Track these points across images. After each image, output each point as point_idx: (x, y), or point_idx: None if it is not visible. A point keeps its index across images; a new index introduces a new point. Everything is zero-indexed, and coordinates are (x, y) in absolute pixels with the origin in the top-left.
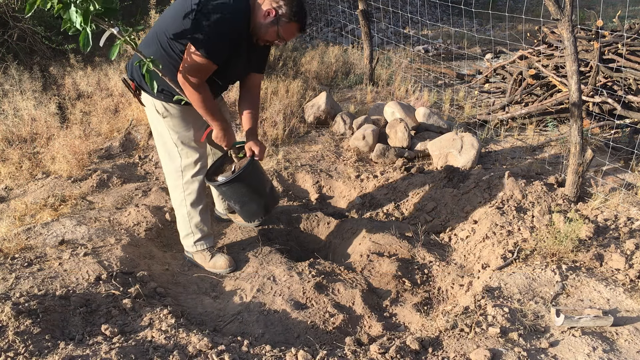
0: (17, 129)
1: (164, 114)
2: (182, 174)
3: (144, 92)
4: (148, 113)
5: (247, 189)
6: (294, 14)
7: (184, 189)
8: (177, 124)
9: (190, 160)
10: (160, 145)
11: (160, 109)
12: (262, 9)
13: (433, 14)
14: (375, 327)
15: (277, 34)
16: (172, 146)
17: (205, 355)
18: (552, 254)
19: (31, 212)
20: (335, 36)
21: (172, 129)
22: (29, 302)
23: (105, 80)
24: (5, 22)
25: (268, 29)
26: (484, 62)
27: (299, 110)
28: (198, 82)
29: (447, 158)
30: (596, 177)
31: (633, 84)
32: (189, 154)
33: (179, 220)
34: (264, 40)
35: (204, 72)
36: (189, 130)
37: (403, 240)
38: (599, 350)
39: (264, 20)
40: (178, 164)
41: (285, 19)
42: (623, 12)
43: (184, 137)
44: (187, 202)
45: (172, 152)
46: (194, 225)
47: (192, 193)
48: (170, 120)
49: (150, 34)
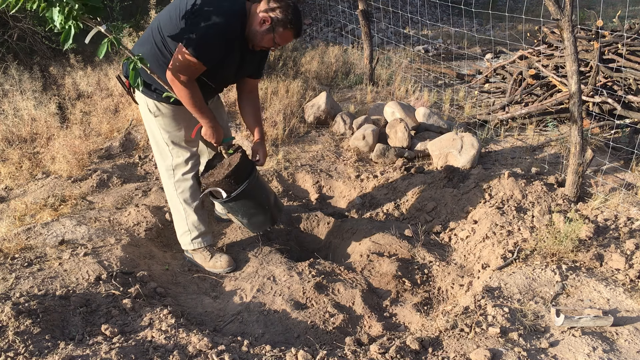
0: (17, 129)
1: (156, 113)
2: (174, 172)
3: (137, 90)
4: (141, 111)
5: (253, 201)
6: (289, 21)
7: (175, 187)
8: (168, 124)
9: (181, 159)
10: (153, 144)
11: (152, 108)
12: (258, 16)
13: (433, 14)
14: (375, 327)
15: (273, 40)
16: (163, 145)
17: (205, 355)
18: (552, 254)
19: (31, 212)
20: (335, 36)
21: (163, 128)
22: (29, 302)
23: (105, 80)
24: (5, 22)
25: (264, 36)
26: (484, 62)
27: (299, 110)
28: (186, 80)
29: (447, 158)
30: (596, 177)
31: (633, 84)
32: (180, 153)
33: (175, 218)
34: (259, 46)
35: (192, 72)
36: (180, 130)
37: (403, 240)
38: (599, 350)
39: (259, 27)
40: (169, 163)
41: (281, 27)
42: (623, 12)
43: (175, 137)
44: (181, 200)
45: (163, 151)
46: (191, 223)
47: (185, 191)
48: (161, 119)
49: (146, 33)
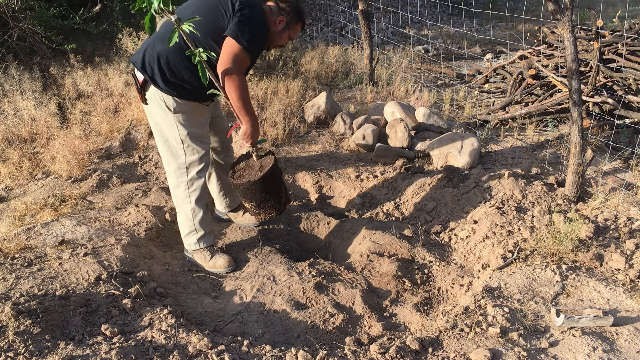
0: (17, 129)
1: (176, 109)
2: (187, 170)
3: (153, 87)
4: (152, 110)
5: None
6: (298, 16)
7: (188, 185)
8: (188, 119)
9: (196, 157)
10: (161, 143)
11: (171, 105)
12: (274, 17)
13: (433, 14)
14: (375, 327)
15: (289, 36)
16: (176, 143)
17: (205, 355)
18: (552, 254)
19: (31, 212)
20: (335, 36)
21: (182, 124)
22: (29, 302)
23: (105, 80)
24: (5, 22)
25: (282, 35)
26: (484, 62)
27: (299, 110)
28: (239, 74)
29: (447, 158)
30: (596, 177)
31: (633, 84)
32: (195, 150)
33: (182, 218)
34: (276, 45)
35: (243, 66)
36: (199, 127)
37: (403, 240)
38: (599, 350)
39: (276, 27)
40: (182, 161)
41: (293, 22)
42: (623, 12)
43: (193, 133)
44: (192, 199)
45: (175, 150)
46: (198, 222)
47: (197, 189)
48: (181, 116)
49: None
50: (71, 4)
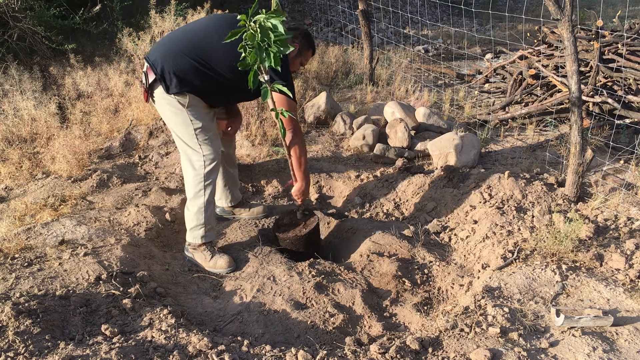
0: (17, 129)
1: (187, 104)
2: (204, 163)
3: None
4: (165, 110)
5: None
6: (309, 43)
7: (205, 178)
8: (199, 112)
9: (211, 150)
10: (180, 142)
11: (183, 101)
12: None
13: (433, 14)
14: (375, 327)
15: (300, 63)
16: (192, 139)
17: (205, 355)
18: (552, 254)
19: (31, 212)
20: (335, 36)
21: (195, 117)
22: (29, 302)
23: (105, 80)
24: (5, 22)
25: (295, 62)
26: (484, 62)
27: (299, 110)
28: (301, 136)
29: (447, 158)
30: (596, 177)
31: (633, 84)
32: (209, 143)
33: (193, 211)
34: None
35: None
36: (211, 121)
37: (403, 240)
38: (599, 350)
39: (291, 55)
40: (201, 155)
41: (305, 49)
42: (623, 12)
43: (206, 127)
44: (207, 192)
45: (194, 145)
46: (208, 216)
47: (213, 182)
48: (192, 110)
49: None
50: (71, 4)
